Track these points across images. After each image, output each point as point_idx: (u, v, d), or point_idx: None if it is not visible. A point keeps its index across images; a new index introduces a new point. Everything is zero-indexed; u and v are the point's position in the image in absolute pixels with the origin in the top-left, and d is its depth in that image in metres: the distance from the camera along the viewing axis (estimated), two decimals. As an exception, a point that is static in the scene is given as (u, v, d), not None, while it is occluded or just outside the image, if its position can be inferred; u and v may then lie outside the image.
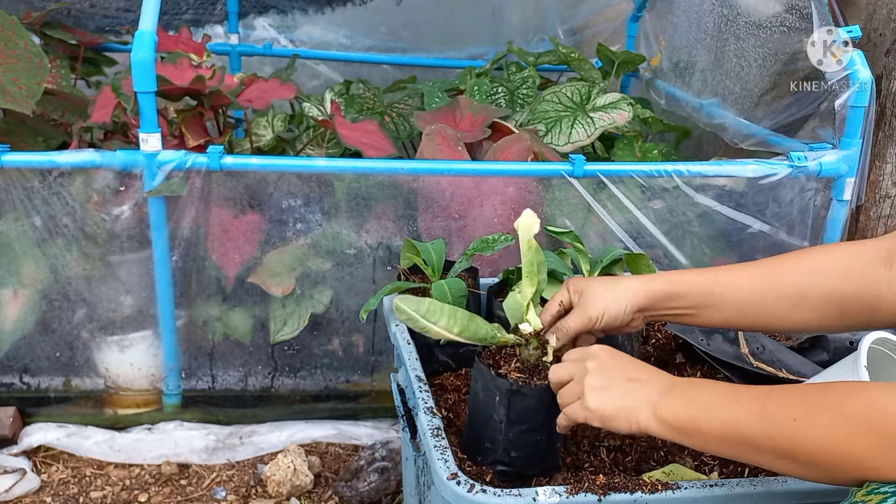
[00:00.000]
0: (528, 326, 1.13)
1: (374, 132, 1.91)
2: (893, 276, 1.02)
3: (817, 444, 0.81)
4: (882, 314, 1.04)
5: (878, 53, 1.86)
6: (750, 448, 0.87)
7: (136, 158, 1.64)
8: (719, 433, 0.89)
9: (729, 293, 1.09)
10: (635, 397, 0.96)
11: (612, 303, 1.11)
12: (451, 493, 0.97)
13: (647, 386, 0.97)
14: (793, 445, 0.83)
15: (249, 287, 1.79)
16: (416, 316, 1.06)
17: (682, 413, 0.93)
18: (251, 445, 1.84)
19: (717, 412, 0.90)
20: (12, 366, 1.83)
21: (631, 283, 1.13)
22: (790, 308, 1.07)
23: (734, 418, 0.88)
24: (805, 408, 0.83)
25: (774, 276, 1.08)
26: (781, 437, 0.84)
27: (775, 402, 0.86)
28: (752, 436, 0.86)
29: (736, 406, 0.89)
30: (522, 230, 1.13)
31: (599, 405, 0.97)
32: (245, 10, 2.77)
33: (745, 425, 0.87)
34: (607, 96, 2.04)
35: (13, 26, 1.79)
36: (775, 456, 0.85)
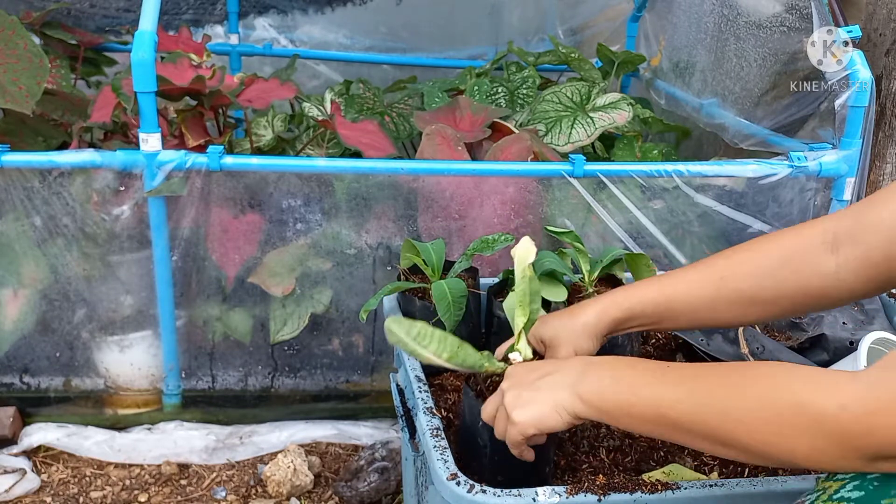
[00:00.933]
0: (517, 356, 1.13)
1: (374, 132, 1.91)
2: (840, 260, 1.00)
3: (751, 435, 0.81)
4: (833, 299, 1.03)
5: (878, 53, 1.86)
6: (680, 432, 0.87)
7: (136, 158, 1.64)
8: (648, 417, 0.89)
9: (681, 305, 1.09)
10: (553, 389, 0.96)
11: (578, 339, 1.11)
12: (451, 494, 0.97)
13: (563, 373, 0.97)
14: (727, 436, 0.83)
15: (249, 287, 1.79)
16: (405, 339, 1.05)
17: (608, 392, 0.92)
18: (251, 445, 1.84)
19: (643, 395, 0.89)
20: (12, 366, 1.83)
21: (588, 315, 1.12)
22: (741, 311, 1.07)
23: (661, 402, 0.87)
24: (734, 398, 0.82)
25: (722, 282, 1.07)
26: (714, 427, 0.83)
27: (704, 387, 0.86)
28: (684, 421, 0.86)
29: (662, 389, 0.88)
30: (518, 258, 1.12)
31: (524, 415, 0.96)
32: (245, 10, 2.77)
33: (674, 411, 0.86)
34: (607, 96, 2.04)
35: (13, 26, 1.79)
36: (708, 441, 0.85)
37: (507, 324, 1.36)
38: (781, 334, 1.53)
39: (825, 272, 1.01)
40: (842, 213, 1.03)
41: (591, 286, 1.41)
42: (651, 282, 1.14)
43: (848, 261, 0.99)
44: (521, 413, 0.96)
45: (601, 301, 1.14)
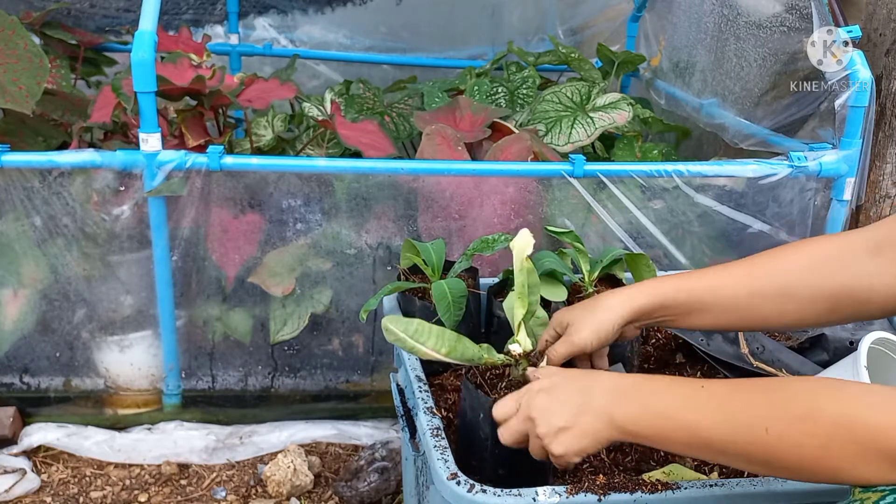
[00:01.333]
0: (517, 347, 1.13)
1: (374, 132, 1.91)
2: (883, 267, 0.99)
3: (793, 452, 0.80)
4: (872, 306, 1.01)
5: (878, 53, 1.86)
6: (719, 453, 0.86)
7: (136, 158, 1.64)
8: (685, 441, 0.88)
9: (713, 298, 1.08)
10: (586, 418, 0.94)
11: (599, 326, 1.10)
12: (451, 493, 0.97)
13: (594, 397, 0.94)
14: (766, 453, 0.81)
15: (249, 287, 1.79)
16: (403, 336, 1.07)
17: (642, 421, 0.91)
18: (251, 445, 1.84)
19: (679, 418, 0.88)
20: (12, 366, 1.83)
21: (614, 302, 1.11)
22: (777, 308, 1.05)
23: (698, 426, 0.86)
24: (775, 414, 0.81)
25: (759, 277, 1.06)
26: (753, 445, 0.82)
27: (741, 406, 0.84)
28: (720, 442, 0.85)
29: (698, 414, 0.87)
30: (517, 251, 1.13)
31: (562, 448, 0.95)
32: (245, 10, 2.77)
33: (712, 432, 0.85)
34: (607, 96, 2.04)
35: (13, 26, 1.79)
36: (748, 462, 0.84)
37: (507, 323, 1.36)
38: (781, 334, 1.53)
39: (866, 275, 1.00)
40: (882, 222, 1.03)
41: (591, 286, 1.41)
42: (681, 274, 1.13)
43: (891, 262, 0.98)
44: (558, 446, 0.95)
45: (628, 289, 1.12)
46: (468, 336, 1.40)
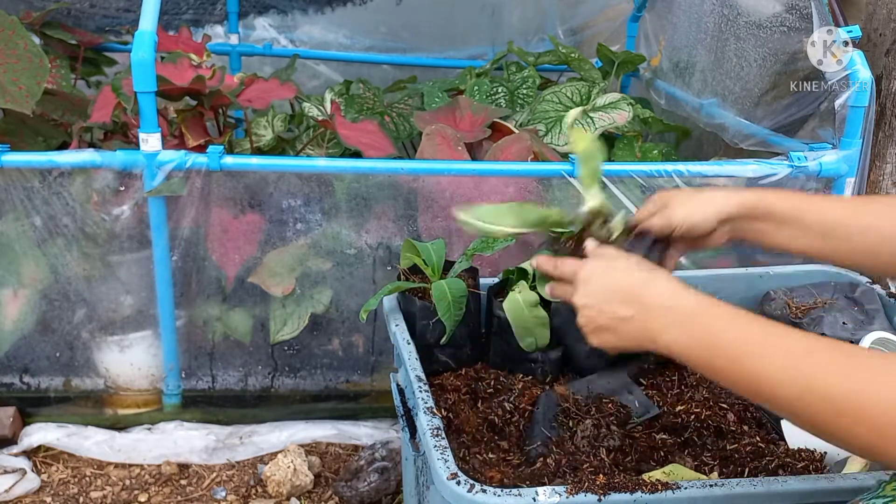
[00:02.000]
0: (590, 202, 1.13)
1: (374, 132, 1.91)
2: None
3: (872, 432, 0.74)
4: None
5: (878, 53, 1.86)
6: (779, 408, 0.82)
7: (136, 158, 1.64)
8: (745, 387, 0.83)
9: (816, 216, 1.04)
10: (636, 334, 0.93)
11: (697, 209, 1.07)
12: (451, 493, 0.97)
13: (648, 316, 0.92)
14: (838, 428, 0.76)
15: (249, 287, 1.79)
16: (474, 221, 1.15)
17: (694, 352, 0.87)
18: (251, 445, 1.84)
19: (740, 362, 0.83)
20: (12, 366, 1.83)
21: (719, 192, 1.08)
22: (875, 246, 1.01)
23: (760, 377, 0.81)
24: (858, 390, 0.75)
25: (861, 211, 1.03)
26: (824, 415, 0.77)
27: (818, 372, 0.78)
28: (784, 402, 0.80)
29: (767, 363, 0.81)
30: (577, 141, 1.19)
31: (601, 342, 0.96)
32: (245, 10, 2.77)
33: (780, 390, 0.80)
34: (607, 96, 2.04)
35: (13, 26, 1.80)
36: (811, 427, 0.79)
37: (506, 324, 1.37)
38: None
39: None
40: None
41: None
42: (786, 191, 1.09)
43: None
44: (595, 339, 0.97)
45: (733, 188, 1.11)
46: (468, 336, 1.41)
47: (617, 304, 0.95)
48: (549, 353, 1.40)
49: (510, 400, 1.33)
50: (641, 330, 0.92)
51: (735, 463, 1.21)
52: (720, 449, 1.25)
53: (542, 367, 1.41)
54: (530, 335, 1.38)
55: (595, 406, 1.30)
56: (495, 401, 1.34)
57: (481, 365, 1.45)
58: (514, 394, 1.35)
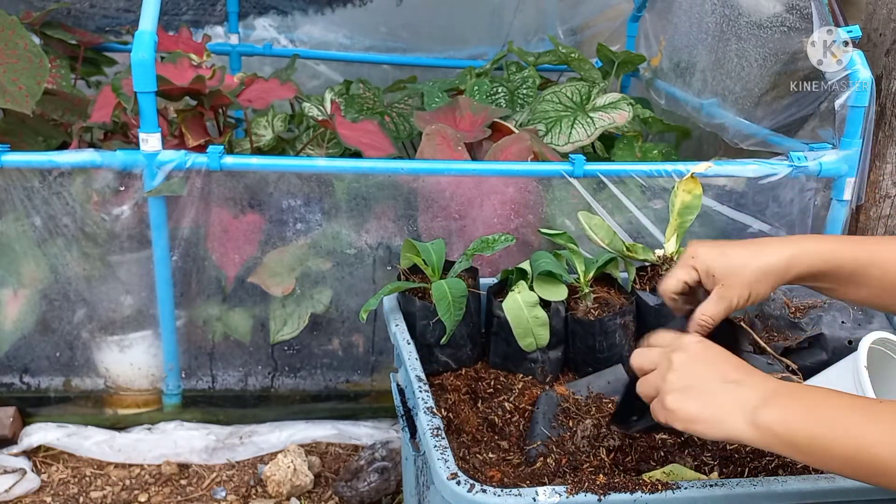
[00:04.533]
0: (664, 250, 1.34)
1: (374, 132, 1.91)
2: None
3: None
4: None
5: (878, 53, 1.86)
6: (885, 476, 0.78)
7: (136, 158, 1.64)
8: (846, 454, 0.79)
9: (878, 271, 0.98)
10: (726, 399, 0.85)
11: (757, 284, 0.99)
12: (451, 493, 0.97)
13: (744, 388, 0.86)
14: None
15: (249, 287, 1.79)
16: (585, 226, 1.38)
17: (797, 423, 0.81)
18: (251, 445, 1.84)
19: (848, 428, 0.79)
20: (12, 366, 1.83)
21: (778, 254, 0.99)
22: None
23: (870, 440, 0.77)
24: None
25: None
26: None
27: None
28: (892, 462, 0.76)
29: (874, 426, 0.78)
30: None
31: (680, 406, 0.87)
32: (245, 10, 2.77)
33: (886, 450, 0.76)
34: (607, 96, 2.04)
35: (13, 26, 1.80)
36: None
37: (506, 323, 1.37)
38: (780, 334, 1.53)
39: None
40: None
41: (586, 286, 1.41)
42: (844, 238, 1.03)
43: None
44: (676, 402, 0.87)
45: (791, 244, 1.00)
46: (468, 336, 1.41)
47: (721, 366, 0.88)
48: (549, 353, 1.40)
49: (510, 400, 1.33)
50: (741, 399, 0.84)
51: (735, 463, 1.20)
52: (720, 449, 1.25)
53: (542, 367, 1.41)
54: (530, 335, 1.38)
55: (595, 406, 1.30)
56: (495, 401, 1.34)
57: (481, 365, 1.45)
58: (514, 394, 1.35)
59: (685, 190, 1.34)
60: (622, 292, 1.45)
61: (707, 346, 0.92)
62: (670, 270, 1.07)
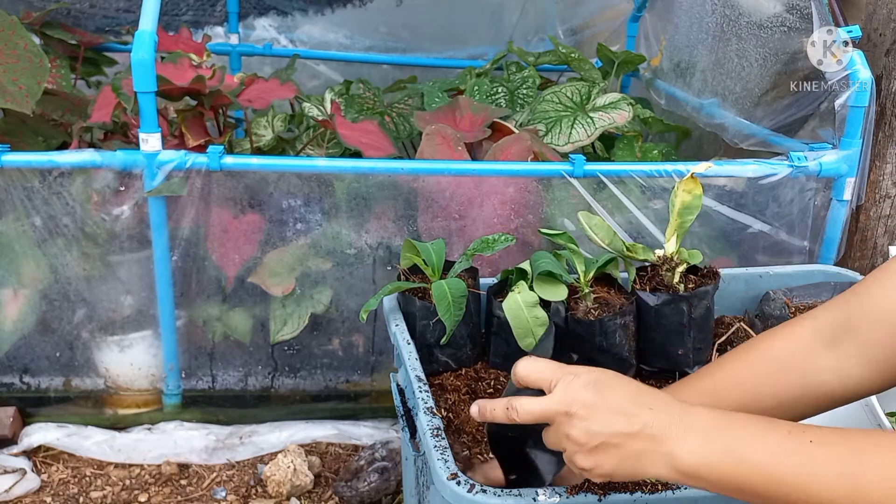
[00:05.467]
0: (664, 250, 1.37)
1: (374, 132, 1.91)
2: (839, 361, 0.92)
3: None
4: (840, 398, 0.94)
5: (878, 53, 1.86)
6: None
7: (136, 158, 1.64)
8: (784, 499, 0.75)
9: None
10: (639, 446, 0.80)
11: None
12: (451, 494, 0.97)
13: (655, 427, 0.80)
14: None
15: (249, 287, 1.79)
16: (585, 226, 1.39)
17: (724, 469, 0.77)
18: (251, 445, 1.84)
19: (782, 476, 0.75)
20: (12, 366, 1.83)
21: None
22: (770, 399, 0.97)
23: (809, 490, 0.74)
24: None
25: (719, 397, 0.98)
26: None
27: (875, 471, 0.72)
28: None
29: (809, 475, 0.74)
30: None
31: (593, 465, 0.82)
32: (245, 10, 2.77)
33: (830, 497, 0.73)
34: (607, 96, 2.04)
35: (13, 26, 1.79)
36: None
37: (506, 323, 1.37)
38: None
39: (823, 371, 0.94)
40: (826, 306, 0.96)
41: (586, 286, 1.41)
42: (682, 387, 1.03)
43: (848, 355, 0.92)
44: (589, 461, 0.82)
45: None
46: (468, 336, 1.41)
47: (622, 419, 0.80)
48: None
49: (510, 400, 1.33)
50: (651, 445, 0.79)
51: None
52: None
53: (542, 367, 1.40)
54: (529, 335, 1.37)
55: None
56: (495, 401, 1.34)
57: (481, 365, 1.45)
58: (514, 394, 1.35)
59: (685, 190, 1.35)
60: (622, 292, 1.45)
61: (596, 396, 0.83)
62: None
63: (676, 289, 1.38)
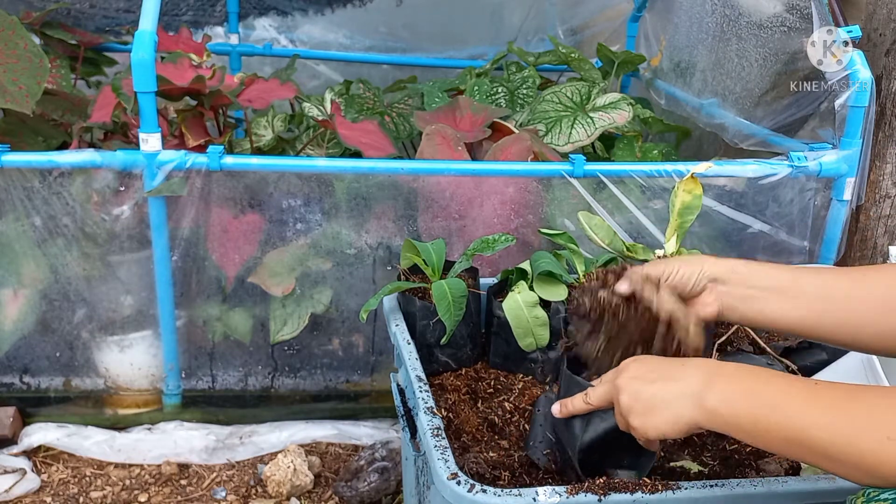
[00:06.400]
0: (670, 247, 1.33)
1: (374, 132, 1.91)
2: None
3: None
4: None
5: (878, 53, 1.86)
6: (825, 457, 0.81)
7: (136, 158, 1.64)
8: (785, 436, 0.83)
9: (812, 288, 1.00)
10: (675, 400, 0.91)
11: (685, 264, 1.05)
12: (452, 493, 0.97)
13: (686, 380, 0.92)
14: (880, 462, 0.76)
15: (249, 287, 1.79)
16: (585, 226, 1.37)
17: (740, 407, 0.86)
18: (251, 445, 1.84)
19: (785, 410, 0.83)
20: (12, 366, 1.83)
21: (706, 257, 1.08)
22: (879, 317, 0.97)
23: (805, 422, 0.81)
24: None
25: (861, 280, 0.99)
26: (874, 454, 0.77)
27: (865, 410, 0.79)
28: (829, 445, 0.79)
29: (809, 409, 0.82)
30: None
31: (641, 422, 0.93)
32: (245, 10, 2.77)
33: (824, 432, 0.80)
34: (607, 96, 2.04)
35: (13, 26, 1.79)
36: (858, 471, 0.79)
37: (506, 323, 1.37)
38: (779, 334, 1.53)
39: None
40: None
41: (588, 286, 1.41)
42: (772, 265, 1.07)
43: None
44: (638, 419, 0.94)
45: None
46: (468, 336, 1.41)
47: (660, 375, 0.94)
48: (549, 353, 1.40)
49: (510, 400, 1.33)
50: (687, 390, 0.91)
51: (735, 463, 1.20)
52: (720, 449, 1.25)
53: (542, 367, 1.41)
54: (530, 335, 1.38)
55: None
56: (495, 401, 1.34)
57: (481, 365, 1.45)
58: (514, 394, 1.35)
59: (685, 190, 1.35)
60: (622, 292, 1.45)
61: (642, 360, 1.00)
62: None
63: None
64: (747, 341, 1.47)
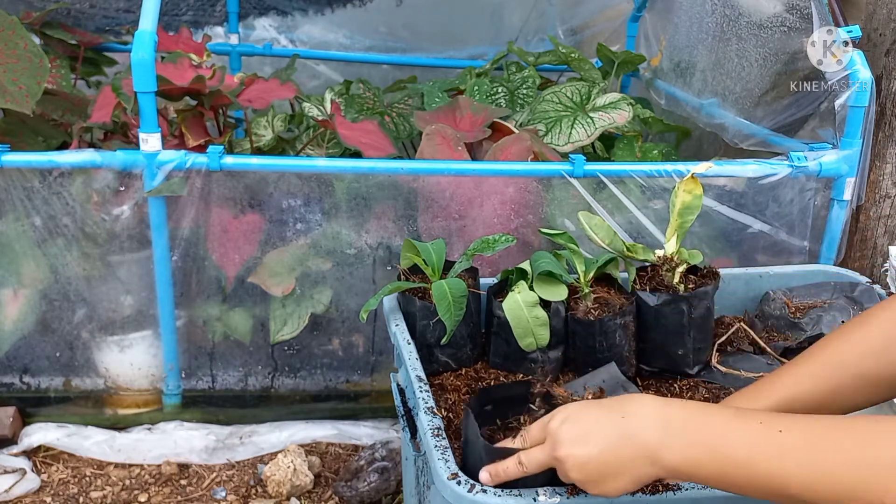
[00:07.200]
0: (669, 247, 1.36)
1: (374, 132, 1.91)
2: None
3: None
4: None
5: (878, 53, 1.86)
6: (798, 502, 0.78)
7: (136, 158, 1.64)
8: (760, 490, 0.79)
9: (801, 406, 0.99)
10: (626, 456, 0.85)
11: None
12: (452, 493, 0.97)
13: (636, 433, 0.85)
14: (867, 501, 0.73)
15: (249, 287, 1.79)
16: (585, 226, 1.39)
17: (703, 464, 0.81)
18: (251, 445, 1.84)
19: (755, 465, 0.79)
20: (12, 366, 1.83)
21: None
22: (868, 396, 0.98)
23: (779, 476, 0.78)
24: (881, 461, 0.73)
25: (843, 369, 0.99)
26: (854, 495, 0.74)
27: (833, 452, 0.75)
28: (807, 493, 0.76)
29: (780, 461, 0.77)
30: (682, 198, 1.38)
31: (602, 491, 0.87)
32: (245, 10, 2.77)
33: (796, 481, 0.76)
34: (607, 96, 2.04)
35: (13, 26, 1.80)
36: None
37: (506, 323, 1.37)
38: (780, 334, 1.53)
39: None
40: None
41: (586, 286, 1.41)
42: (762, 389, 1.04)
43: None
44: (596, 488, 0.88)
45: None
46: (468, 336, 1.41)
47: (604, 437, 0.86)
48: (549, 353, 1.40)
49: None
50: (642, 457, 0.84)
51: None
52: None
53: (542, 367, 1.41)
54: (530, 335, 1.38)
55: (594, 406, 1.30)
56: (495, 401, 1.34)
57: (481, 365, 1.45)
58: (514, 394, 1.35)
59: (685, 190, 1.35)
60: (622, 292, 1.45)
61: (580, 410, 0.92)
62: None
63: (676, 289, 1.38)
64: (747, 341, 1.47)
